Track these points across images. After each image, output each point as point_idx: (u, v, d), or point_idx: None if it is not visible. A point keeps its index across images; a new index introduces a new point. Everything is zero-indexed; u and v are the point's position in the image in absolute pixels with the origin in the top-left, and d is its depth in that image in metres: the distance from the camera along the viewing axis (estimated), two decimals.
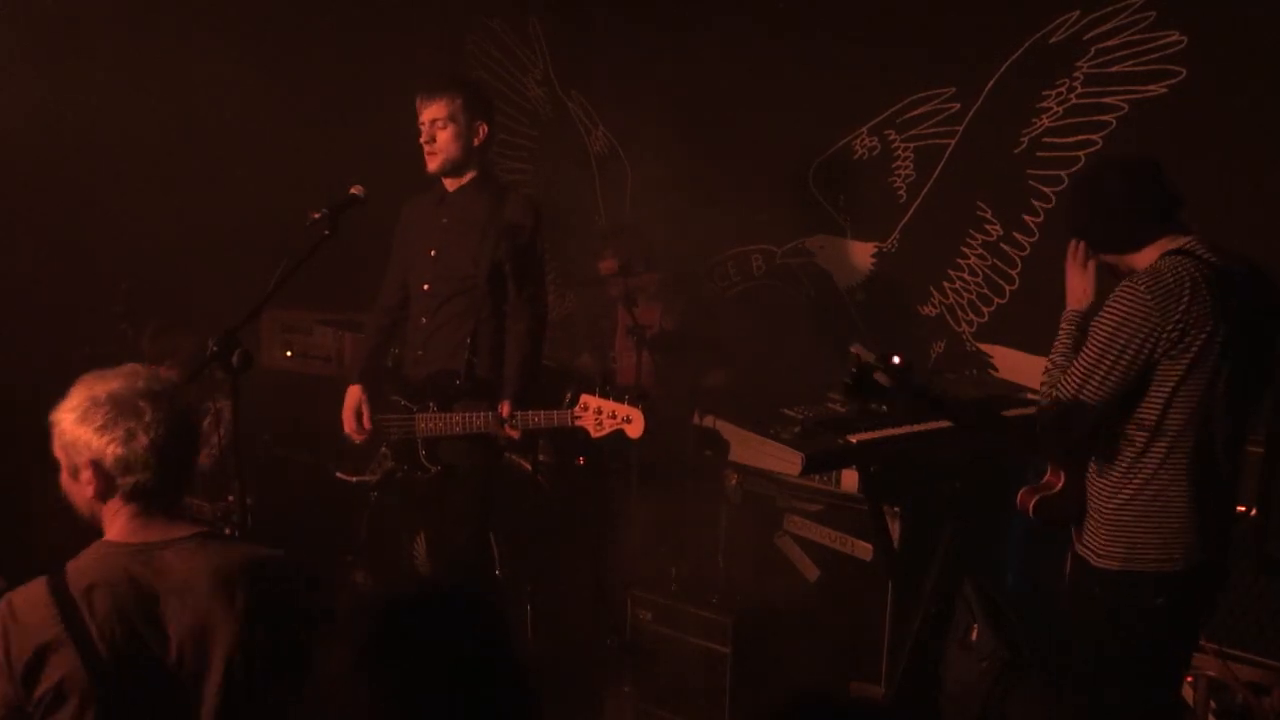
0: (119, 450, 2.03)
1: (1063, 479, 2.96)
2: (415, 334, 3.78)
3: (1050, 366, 2.95)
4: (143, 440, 2.03)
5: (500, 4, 6.33)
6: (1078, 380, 2.76)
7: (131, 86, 5.04)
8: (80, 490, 2.10)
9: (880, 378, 2.76)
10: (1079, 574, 2.96)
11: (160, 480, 2.06)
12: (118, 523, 2.10)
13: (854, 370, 2.74)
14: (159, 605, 2.01)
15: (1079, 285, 3.02)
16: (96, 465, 2.05)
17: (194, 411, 2.21)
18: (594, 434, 3.38)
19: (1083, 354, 2.77)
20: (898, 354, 2.75)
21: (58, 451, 2.11)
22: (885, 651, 3.73)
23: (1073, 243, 3.04)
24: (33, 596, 1.99)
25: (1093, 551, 2.87)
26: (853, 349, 2.78)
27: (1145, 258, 2.79)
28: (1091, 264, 3.00)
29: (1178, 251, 2.74)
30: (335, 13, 5.72)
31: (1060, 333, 3.00)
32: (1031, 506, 2.99)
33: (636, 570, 4.22)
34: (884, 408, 2.93)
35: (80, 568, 2.03)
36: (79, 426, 2.05)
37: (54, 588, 1.98)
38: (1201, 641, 3.35)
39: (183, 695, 2.01)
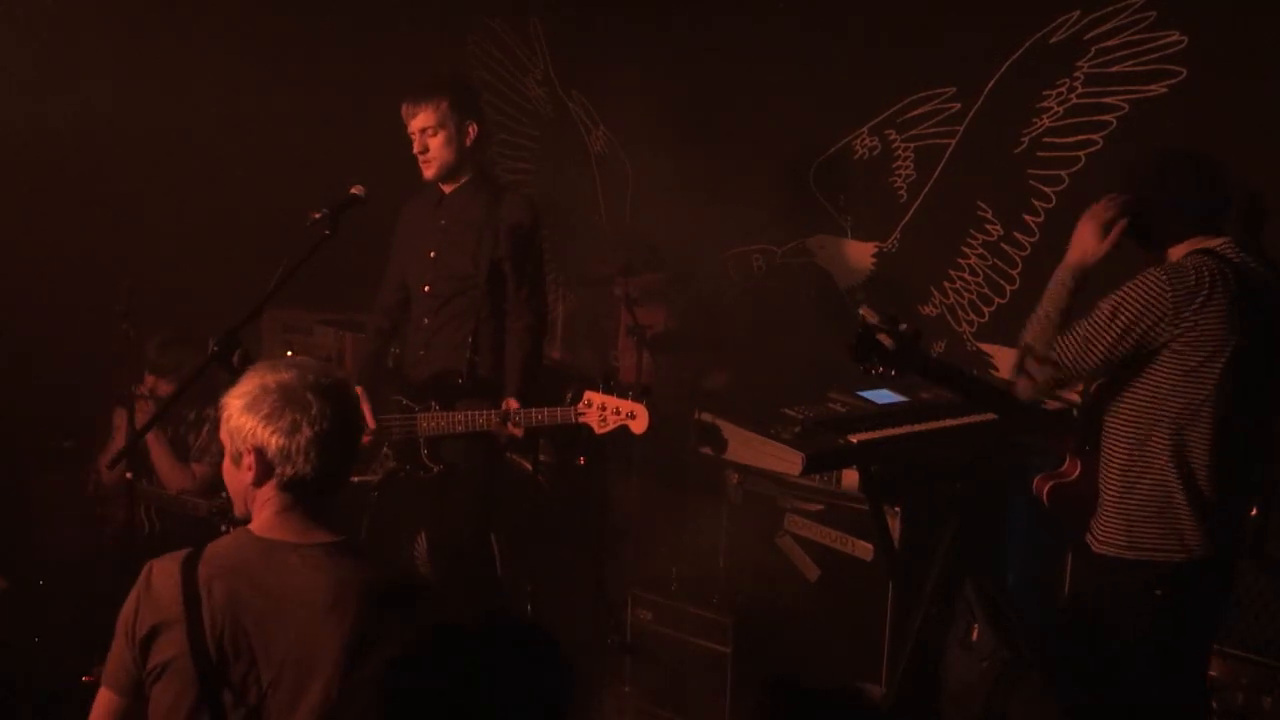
0: (282, 440, 2.02)
1: (1079, 468, 2.99)
2: (417, 334, 3.78)
3: (1042, 316, 2.87)
4: (306, 433, 2.02)
5: (500, 4, 6.32)
6: (1076, 348, 2.77)
7: (132, 86, 5.04)
8: (239, 477, 2.09)
9: (884, 339, 2.81)
10: (1081, 563, 3.03)
11: (317, 474, 2.04)
12: (264, 513, 2.09)
13: (858, 330, 2.78)
14: (273, 612, 1.97)
15: (1092, 243, 2.91)
16: (259, 453, 2.04)
17: (358, 413, 2.17)
18: (598, 430, 3.38)
19: (1087, 322, 2.78)
20: (905, 322, 2.76)
21: (223, 436, 2.10)
22: (885, 651, 3.73)
23: (1105, 202, 2.93)
24: (168, 570, 2.00)
25: (1095, 538, 2.90)
26: (860, 310, 2.82)
27: (1177, 251, 2.83)
28: (1116, 229, 2.90)
29: (1206, 251, 2.77)
30: (335, 13, 5.72)
31: (1057, 283, 2.90)
32: (1046, 492, 3.03)
33: (637, 570, 4.22)
34: (891, 372, 2.93)
35: (215, 552, 2.03)
36: (245, 414, 2.04)
37: (186, 566, 1.99)
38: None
39: (279, 704, 1.95)
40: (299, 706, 1.95)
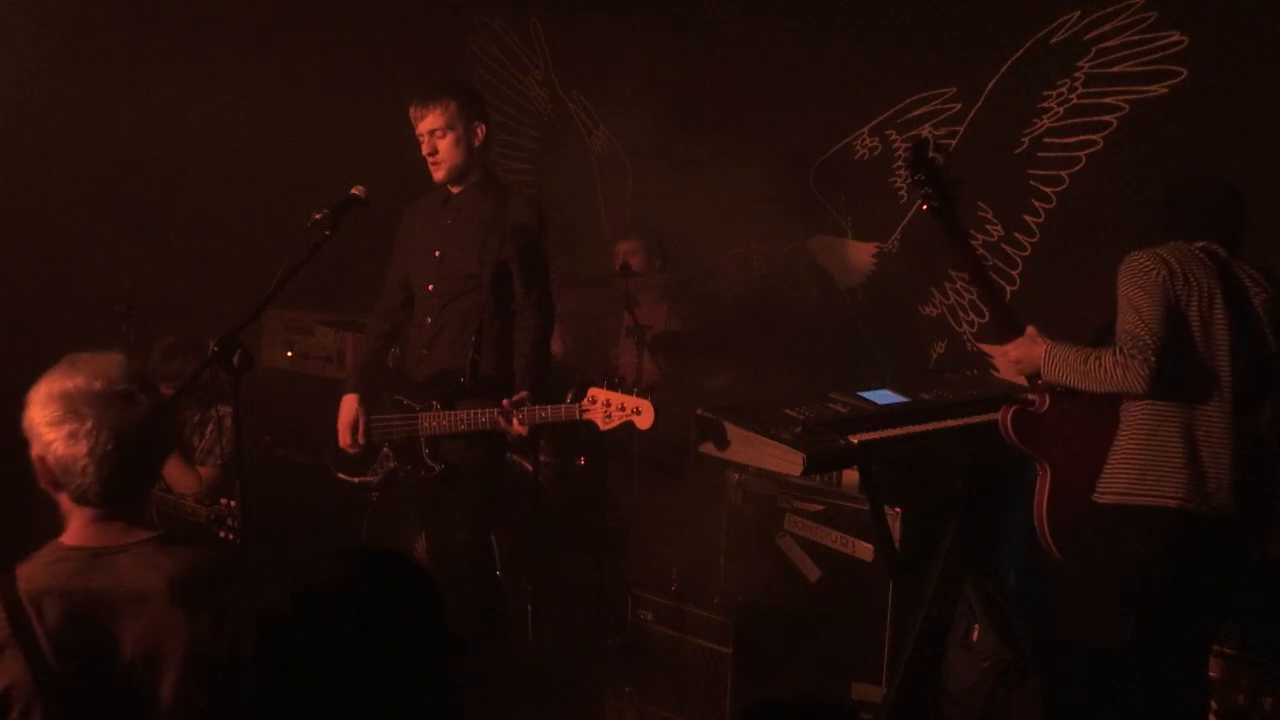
0: (60, 450, 1.93)
1: (1048, 403, 3.23)
2: (420, 334, 3.78)
3: (1075, 362, 3.07)
4: (81, 446, 1.91)
5: (500, 4, 6.33)
6: (1130, 324, 2.97)
7: (133, 87, 5.04)
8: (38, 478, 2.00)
9: (935, 156, 3.17)
10: (1085, 527, 3.15)
11: (104, 489, 1.93)
12: (73, 523, 1.99)
13: (912, 144, 3.16)
14: (114, 614, 1.89)
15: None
16: (41, 460, 1.96)
17: (157, 418, 2.01)
18: (603, 426, 3.37)
19: (1121, 309, 3.03)
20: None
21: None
22: (885, 651, 3.73)
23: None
24: None
25: (1100, 490, 3.08)
26: (925, 130, 3.07)
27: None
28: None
29: (1180, 244, 3.12)
30: (336, 13, 5.72)
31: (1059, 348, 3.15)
32: (1011, 415, 3.21)
33: (637, 570, 4.22)
34: (933, 200, 3.21)
35: (32, 571, 1.92)
36: (35, 412, 1.96)
37: (2, 591, 1.86)
38: None
39: (134, 707, 1.89)
40: (157, 701, 1.90)
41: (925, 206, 3.22)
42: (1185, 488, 2.98)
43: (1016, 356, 3.24)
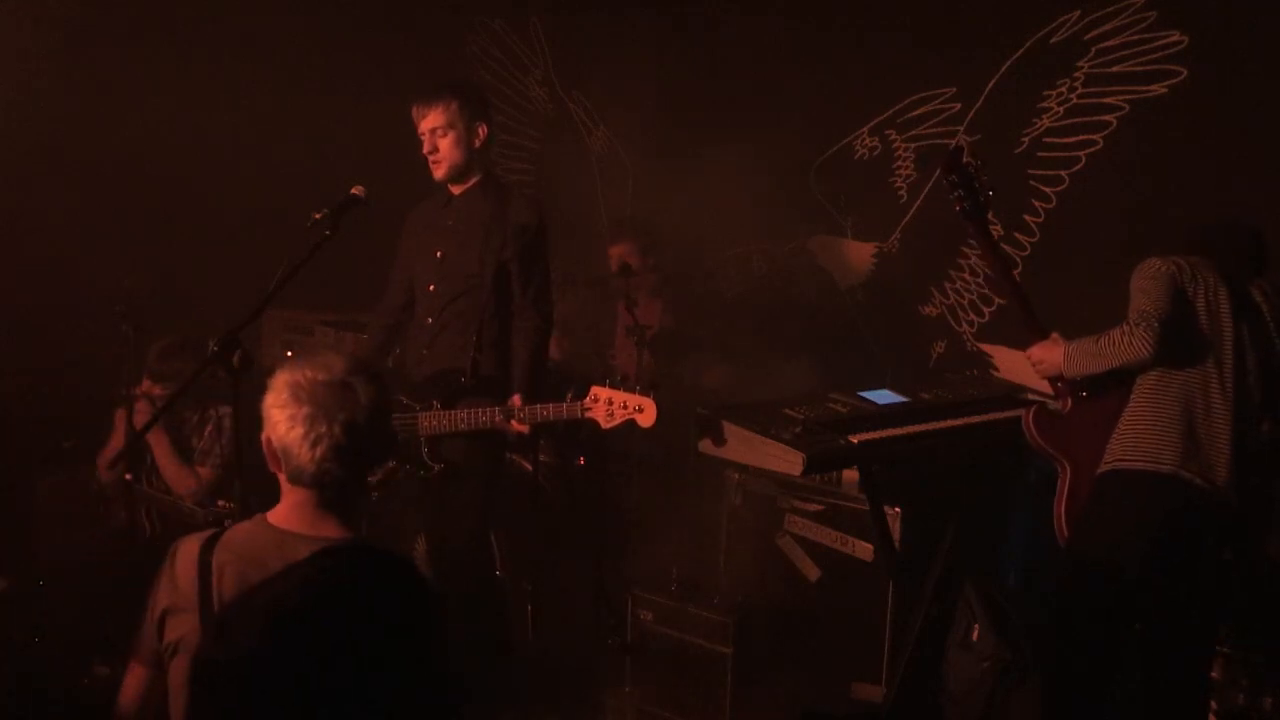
0: (283, 432, 2.06)
1: (1070, 405, 3.38)
2: (420, 333, 3.78)
3: (1089, 347, 3.21)
4: (299, 430, 2.04)
5: (501, 4, 6.33)
6: (1137, 303, 3.12)
7: (133, 87, 5.05)
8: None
9: (970, 161, 3.43)
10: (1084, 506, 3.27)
11: (317, 473, 2.05)
12: (283, 503, 2.13)
13: (953, 148, 3.44)
14: (280, 599, 1.96)
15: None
16: (268, 441, 2.10)
17: (378, 416, 2.14)
18: (605, 425, 3.37)
19: (1131, 298, 3.16)
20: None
21: None
22: (885, 651, 3.72)
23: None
24: (189, 552, 2.05)
25: (1101, 461, 3.20)
26: (960, 139, 3.81)
27: None
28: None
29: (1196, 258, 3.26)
30: (336, 13, 5.72)
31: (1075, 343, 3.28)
32: (1032, 414, 3.39)
33: (637, 570, 4.22)
34: (964, 201, 3.49)
35: (233, 537, 2.07)
36: (268, 396, 2.10)
37: (204, 549, 2.03)
38: None
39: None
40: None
41: (957, 208, 3.47)
42: (1180, 455, 3.07)
43: (1039, 357, 3.35)
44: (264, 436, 2.11)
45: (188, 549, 2.06)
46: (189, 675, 1.62)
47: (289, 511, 2.11)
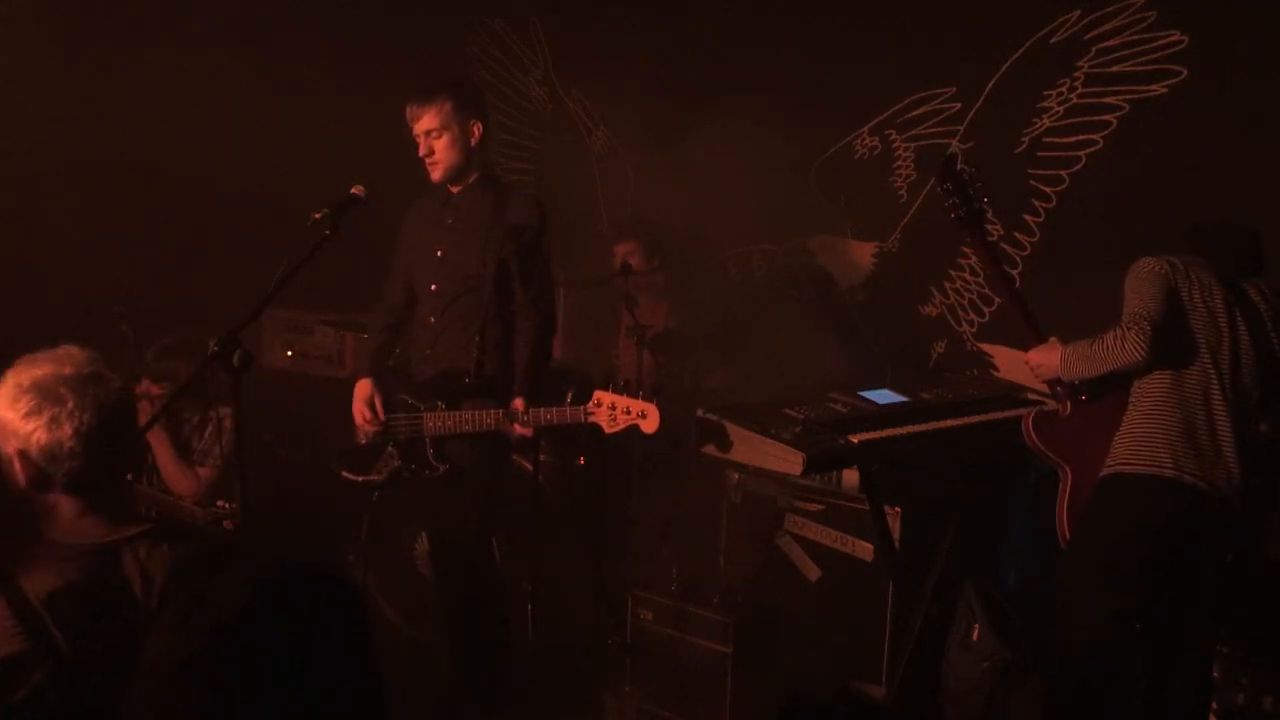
0: (44, 438, 1.94)
1: (1069, 409, 3.40)
2: (423, 333, 3.77)
3: (1084, 350, 3.22)
4: (66, 428, 1.94)
5: (501, 4, 6.33)
6: (1131, 305, 3.12)
7: (132, 86, 5.05)
8: (15, 480, 1.99)
9: (964, 169, 3.47)
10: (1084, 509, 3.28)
11: (92, 470, 1.96)
12: (61, 520, 1.99)
13: (947, 156, 3.58)
14: (127, 607, 1.91)
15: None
16: (23, 455, 1.96)
17: (128, 398, 2.06)
18: (608, 430, 3.37)
19: (1124, 299, 3.16)
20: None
21: None
22: (885, 651, 3.72)
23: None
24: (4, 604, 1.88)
25: (1103, 465, 3.20)
26: (953, 149, 3.90)
27: None
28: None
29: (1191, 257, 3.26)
30: (336, 13, 5.72)
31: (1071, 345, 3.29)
32: (1032, 418, 3.42)
33: (637, 570, 4.22)
34: (960, 209, 3.52)
35: (36, 575, 1.91)
36: (6, 410, 1.97)
37: (11, 599, 1.87)
38: None
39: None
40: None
41: (953, 215, 3.49)
42: (1182, 459, 3.07)
43: (1038, 361, 3.35)
44: (11, 454, 1.96)
45: None
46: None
47: (75, 525, 1.98)
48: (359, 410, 3.72)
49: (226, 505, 3.73)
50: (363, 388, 3.75)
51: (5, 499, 2.02)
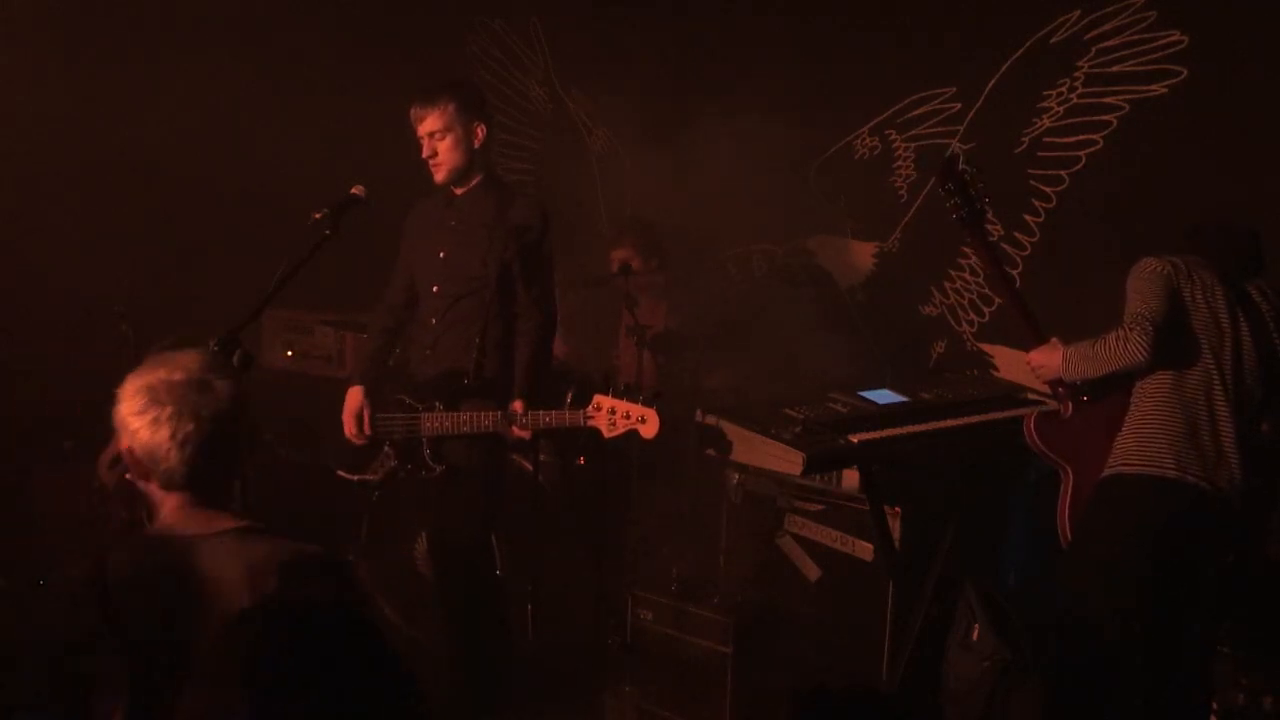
0: (145, 438, 2.05)
1: (1071, 410, 3.40)
2: (423, 334, 3.77)
3: (1085, 351, 3.22)
4: (164, 431, 2.03)
5: (501, 4, 6.33)
6: (1133, 305, 3.12)
7: (132, 86, 5.05)
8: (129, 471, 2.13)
9: (964, 170, 3.49)
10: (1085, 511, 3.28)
11: (189, 471, 2.06)
12: (163, 511, 2.11)
13: (947, 157, 3.61)
14: (196, 602, 1.98)
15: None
16: (130, 450, 2.08)
17: (232, 411, 2.14)
18: (607, 434, 3.37)
19: (1126, 299, 3.17)
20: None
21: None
22: (885, 651, 3.72)
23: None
24: (82, 579, 2.01)
25: (1105, 467, 3.20)
26: (953, 149, 3.92)
27: None
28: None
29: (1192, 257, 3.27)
30: (336, 13, 5.72)
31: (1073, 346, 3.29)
32: (1034, 419, 3.44)
33: (637, 570, 4.22)
34: (961, 210, 3.53)
35: (122, 558, 2.03)
36: (121, 406, 2.08)
37: (97, 576, 1.99)
38: None
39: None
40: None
41: (954, 216, 3.50)
42: (1184, 460, 3.07)
43: (1039, 363, 3.35)
44: (124, 448, 2.09)
45: (75, 579, 2.02)
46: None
47: (172, 518, 2.10)
48: (347, 423, 3.73)
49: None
50: (353, 397, 3.75)
51: (130, 487, 2.19)
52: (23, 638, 2.02)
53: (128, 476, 2.15)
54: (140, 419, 2.05)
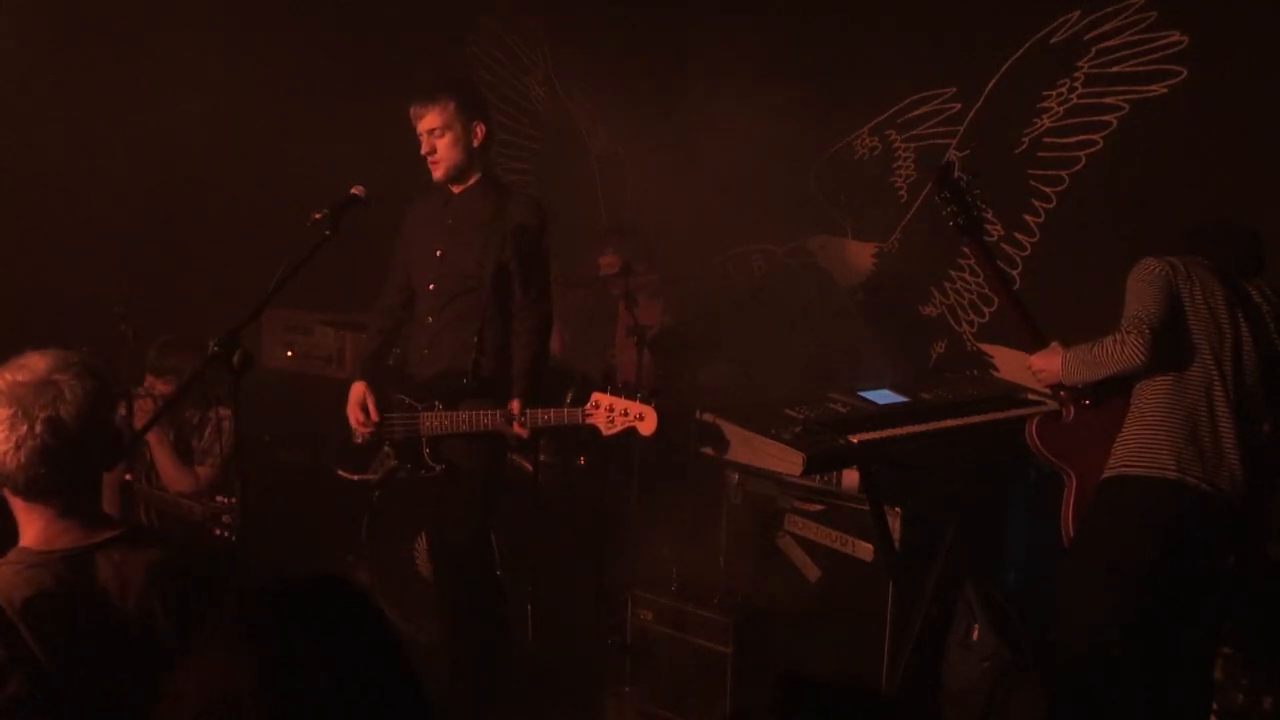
0: None
1: (1073, 414, 3.40)
2: (421, 333, 3.77)
3: (1084, 355, 3.21)
4: (11, 438, 1.89)
5: (501, 4, 6.33)
6: (1131, 308, 3.12)
7: (132, 87, 5.05)
8: None
9: (961, 177, 3.48)
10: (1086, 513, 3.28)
11: (29, 479, 1.91)
12: (32, 527, 1.97)
13: (944, 164, 3.51)
14: (101, 612, 1.90)
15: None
16: None
17: (91, 409, 1.97)
18: (605, 432, 3.37)
19: (1126, 301, 3.16)
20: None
21: None
22: (885, 651, 3.72)
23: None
24: None
25: (1107, 467, 3.20)
26: (950, 156, 3.85)
27: None
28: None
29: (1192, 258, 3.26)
30: (336, 13, 5.72)
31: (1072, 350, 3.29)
32: (1036, 424, 3.43)
33: (637, 570, 4.22)
34: (957, 216, 3.52)
35: (10, 583, 1.88)
36: None
37: None
38: None
39: (135, 695, 1.81)
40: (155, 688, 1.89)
41: (951, 223, 3.50)
42: (1185, 461, 3.06)
43: (1040, 366, 3.36)
44: None
45: None
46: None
47: (47, 533, 1.95)
48: (352, 413, 3.74)
49: (225, 501, 3.73)
50: (356, 390, 3.76)
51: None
52: None
53: None
54: None
